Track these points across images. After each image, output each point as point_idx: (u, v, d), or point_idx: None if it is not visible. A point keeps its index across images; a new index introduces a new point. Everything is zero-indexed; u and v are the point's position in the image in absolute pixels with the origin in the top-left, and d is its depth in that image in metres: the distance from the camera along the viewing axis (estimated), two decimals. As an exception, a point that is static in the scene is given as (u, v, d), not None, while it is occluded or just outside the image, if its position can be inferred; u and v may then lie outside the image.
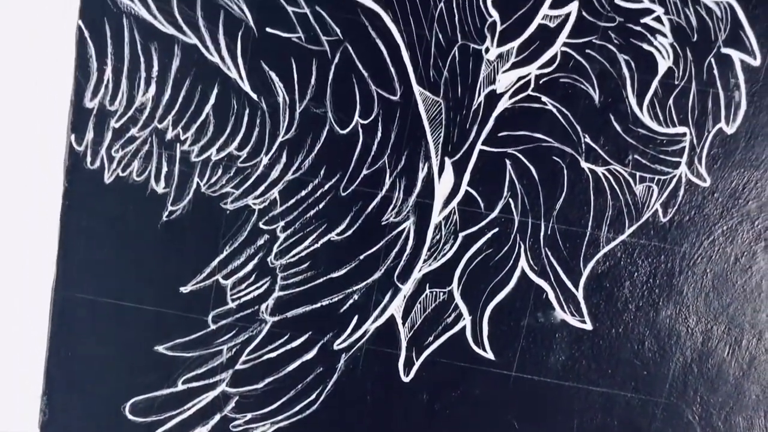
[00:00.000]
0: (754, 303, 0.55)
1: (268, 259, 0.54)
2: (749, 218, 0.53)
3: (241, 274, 0.54)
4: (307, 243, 0.54)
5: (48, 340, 0.55)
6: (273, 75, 0.51)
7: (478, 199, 0.54)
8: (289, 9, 0.50)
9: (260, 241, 0.54)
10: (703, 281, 0.54)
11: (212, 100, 0.52)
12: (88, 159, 0.53)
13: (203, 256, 0.54)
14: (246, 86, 0.51)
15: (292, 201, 0.53)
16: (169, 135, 0.52)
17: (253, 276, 0.55)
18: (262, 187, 0.53)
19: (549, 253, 0.54)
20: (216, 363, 0.56)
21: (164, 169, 0.53)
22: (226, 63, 0.51)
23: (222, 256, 0.54)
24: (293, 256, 0.54)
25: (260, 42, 0.51)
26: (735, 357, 0.55)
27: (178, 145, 0.52)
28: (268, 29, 0.51)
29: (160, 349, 0.55)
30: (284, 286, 0.55)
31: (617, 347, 0.56)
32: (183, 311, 0.55)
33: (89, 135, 0.52)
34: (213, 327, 0.55)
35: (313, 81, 0.51)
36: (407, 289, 0.55)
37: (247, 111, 0.52)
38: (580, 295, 0.55)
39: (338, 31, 0.51)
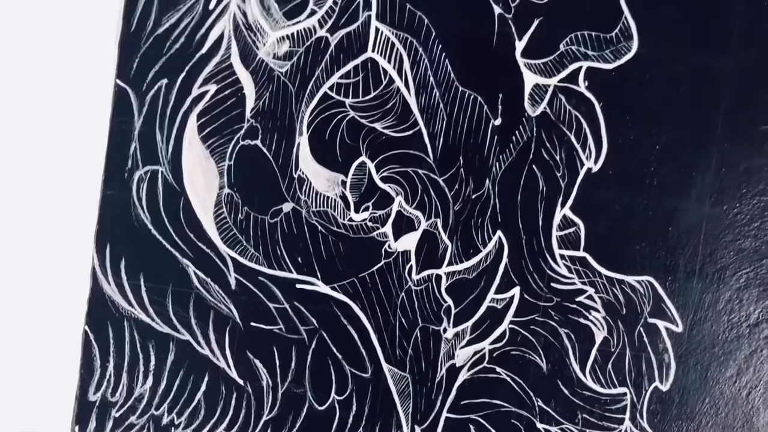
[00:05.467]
0: None
1: None
2: (693, 465, 0.59)
3: None
4: None
5: None
6: (257, 362, 0.58)
7: (447, 460, 0.59)
8: (271, 305, 0.58)
9: None
10: None
11: (203, 388, 0.58)
12: (90, 446, 0.58)
13: None
14: (233, 374, 0.58)
15: (277, 473, 0.58)
16: (165, 420, 0.58)
17: None
18: (250, 462, 0.58)
19: (515, 508, 0.59)
20: None
21: (159, 451, 0.58)
22: (215, 355, 0.58)
23: None
24: None
25: (246, 334, 0.58)
26: None
27: (172, 429, 0.58)
28: (252, 323, 0.58)
29: None
30: None
31: None
32: None
33: (92, 425, 0.58)
34: None
35: (293, 365, 0.58)
36: None
37: (234, 395, 0.58)
38: None
39: (314, 321, 0.58)
